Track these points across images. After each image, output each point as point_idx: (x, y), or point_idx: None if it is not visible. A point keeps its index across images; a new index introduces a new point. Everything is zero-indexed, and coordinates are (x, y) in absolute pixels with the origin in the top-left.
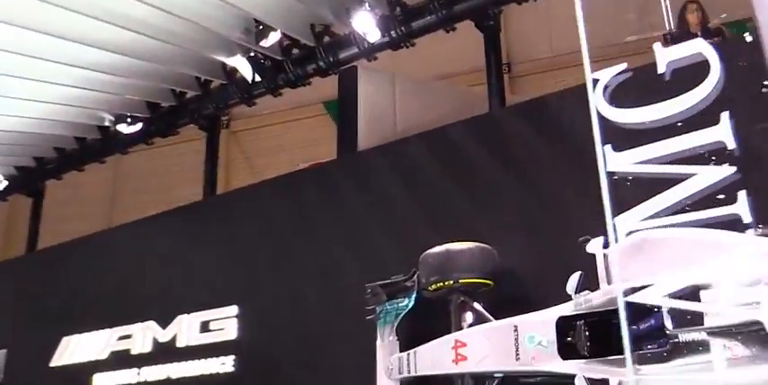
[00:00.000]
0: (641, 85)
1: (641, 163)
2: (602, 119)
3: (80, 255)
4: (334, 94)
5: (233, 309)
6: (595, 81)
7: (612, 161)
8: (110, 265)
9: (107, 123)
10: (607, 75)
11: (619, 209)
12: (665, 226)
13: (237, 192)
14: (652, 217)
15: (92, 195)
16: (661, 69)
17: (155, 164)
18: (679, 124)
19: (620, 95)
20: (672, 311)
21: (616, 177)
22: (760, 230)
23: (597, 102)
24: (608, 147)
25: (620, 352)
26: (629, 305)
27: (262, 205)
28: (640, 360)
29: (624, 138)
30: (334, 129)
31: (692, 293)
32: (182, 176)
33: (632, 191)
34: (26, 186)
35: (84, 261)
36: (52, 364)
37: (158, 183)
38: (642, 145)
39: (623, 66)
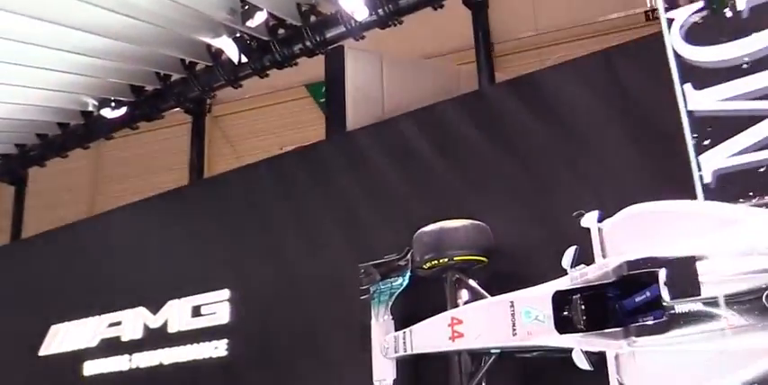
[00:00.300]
0: (718, 23)
1: (725, 100)
2: (678, 58)
3: (66, 243)
4: (316, 76)
5: (224, 293)
6: (670, 21)
7: (693, 100)
8: (97, 252)
9: (90, 108)
10: (683, 13)
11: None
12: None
13: (226, 175)
14: (740, 153)
15: (73, 183)
16: (740, 6)
17: (136, 151)
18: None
19: (698, 34)
20: (668, 283)
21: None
22: (754, 201)
23: (673, 42)
24: (688, 86)
25: (617, 324)
26: (624, 278)
27: (251, 188)
28: (637, 332)
29: (704, 76)
30: (318, 112)
31: (688, 264)
32: (164, 163)
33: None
34: (8, 174)
35: (71, 248)
36: (41, 353)
37: (141, 169)
38: (723, 82)
39: (699, 4)
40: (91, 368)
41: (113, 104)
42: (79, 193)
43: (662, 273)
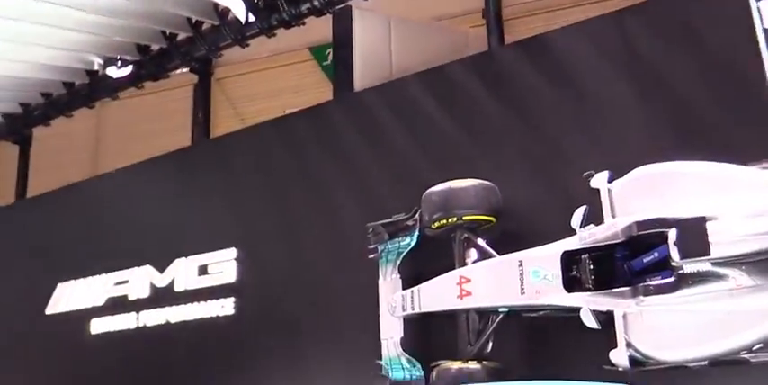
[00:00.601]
0: None
1: None
2: None
3: (72, 202)
4: (320, 39)
5: (231, 252)
6: None
7: None
8: (103, 211)
9: (96, 67)
10: None
11: None
12: None
13: (232, 135)
14: None
15: (75, 145)
16: None
17: (138, 113)
18: None
19: None
20: (678, 242)
21: None
22: (765, 163)
23: None
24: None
25: (625, 284)
26: (633, 238)
27: (258, 148)
28: (645, 291)
29: None
30: (321, 75)
31: (698, 224)
32: (167, 125)
33: None
34: (13, 133)
35: (77, 207)
36: (48, 312)
37: (143, 131)
38: None
39: None
40: (98, 326)
41: (119, 63)
42: (81, 155)
43: (672, 233)
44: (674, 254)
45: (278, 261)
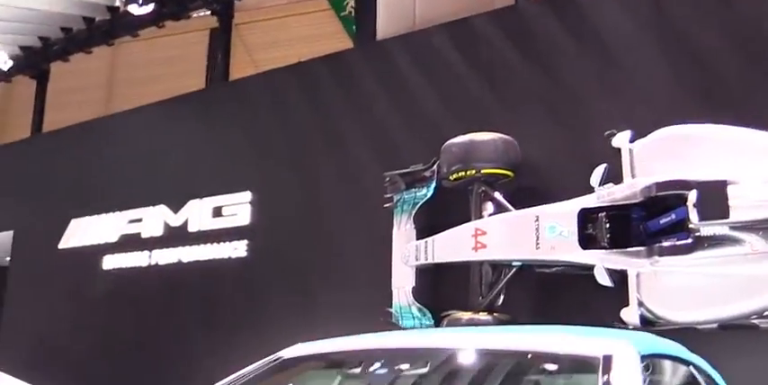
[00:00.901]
0: None
1: None
2: None
3: (88, 139)
4: None
5: (246, 195)
6: None
7: None
8: (119, 150)
9: (117, 3)
10: None
11: None
12: None
13: (250, 79)
14: None
15: (89, 85)
16: None
17: (153, 55)
18: None
19: None
20: (698, 204)
21: None
22: None
23: None
24: None
25: (640, 244)
26: (651, 199)
27: (276, 92)
28: (660, 252)
29: None
30: (338, 24)
31: (719, 187)
32: (181, 68)
33: None
34: (31, 68)
35: (94, 144)
36: (61, 246)
37: (158, 74)
38: None
39: None
40: (110, 262)
41: (140, 1)
42: (96, 95)
43: (692, 195)
44: (693, 215)
45: (292, 206)
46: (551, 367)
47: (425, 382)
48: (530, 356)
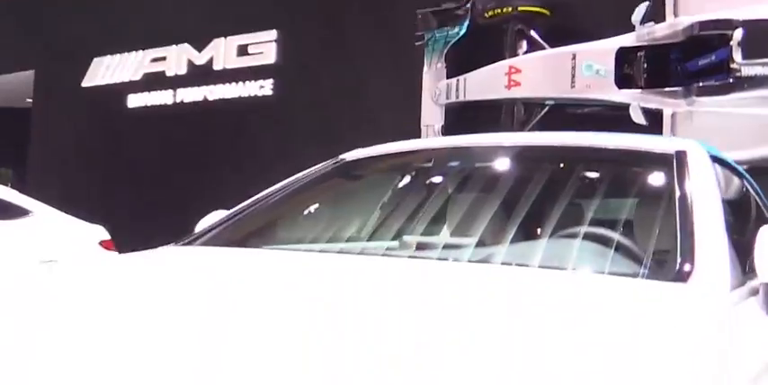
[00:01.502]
0: None
1: None
2: None
3: None
4: None
5: (272, 34)
6: None
7: None
8: None
9: None
10: None
11: None
12: None
13: None
14: None
15: None
16: None
17: None
18: None
19: None
20: (743, 43)
21: None
22: None
23: None
24: None
25: (677, 84)
26: (693, 38)
27: None
28: (698, 92)
29: None
30: None
31: (766, 27)
32: None
33: None
34: None
35: None
36: (84, 85)
37: None
38: None
39: None
40: (135, 101)
41: None
42: None
43: (737, 33)
44: (737, 54)
45: (320, 45)
46: (627, 161)
47: (502, 176)
48: (605, 152)
